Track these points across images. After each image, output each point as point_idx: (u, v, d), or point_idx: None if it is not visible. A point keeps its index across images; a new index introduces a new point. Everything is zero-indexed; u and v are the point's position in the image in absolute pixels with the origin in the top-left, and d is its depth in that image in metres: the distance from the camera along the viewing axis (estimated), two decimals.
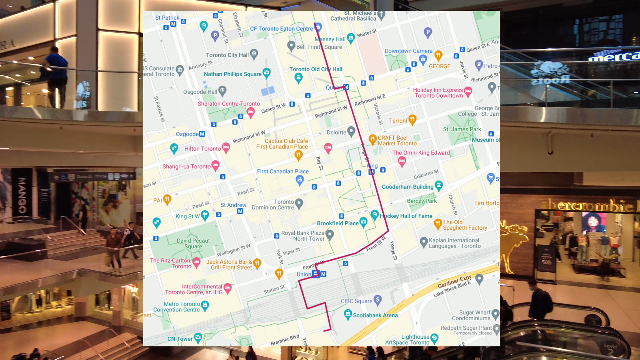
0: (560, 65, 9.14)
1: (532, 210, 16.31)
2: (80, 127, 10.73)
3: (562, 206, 15.78)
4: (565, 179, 15.37)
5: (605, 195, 15.26)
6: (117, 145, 12.58)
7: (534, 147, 8.72)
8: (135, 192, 20.39)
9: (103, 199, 22.11)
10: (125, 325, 19.64)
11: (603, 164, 8.62)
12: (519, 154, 8.87)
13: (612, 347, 8.82)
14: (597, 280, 15.84)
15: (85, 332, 18.35)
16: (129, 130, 11.10)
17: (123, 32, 13.09)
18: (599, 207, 15.55)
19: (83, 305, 20.77)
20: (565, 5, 18.97)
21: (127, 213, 21.01)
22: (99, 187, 22.15)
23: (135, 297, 20.26)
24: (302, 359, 15.20)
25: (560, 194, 15.75)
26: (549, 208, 16.22)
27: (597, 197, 15.38)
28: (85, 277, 14.32)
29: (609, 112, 7.20)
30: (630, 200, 14.99)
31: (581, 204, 15.65)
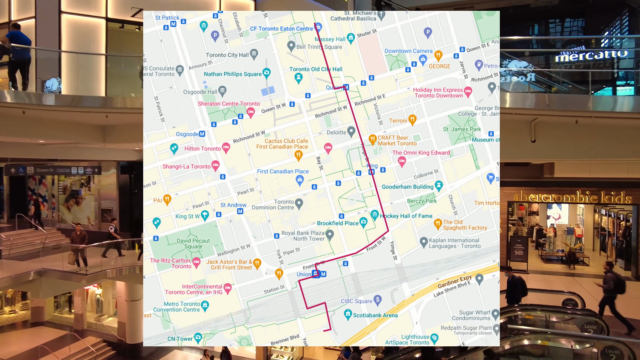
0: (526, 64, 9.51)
1: (505, 202, 17.36)
2: (46, 114, 9.95)
3: (533, 198, 16.85)
4: (535, 172, 16.33)
5: (573, 187, 16.40)
6: (85, 135, 11.70)
7: (517, 135, 8.82)
8: (101, 188, 19.27)
9: (64, 195, 20.59)
10: (89, 328, 18.75)
11: (587, 152, 8.71)
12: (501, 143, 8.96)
13: (592, 328, 9.14)
14: (564, 269, 17.03)
15: (44, 338, 17.24)
16: (100, 118, 10.43)
17: (89, 16, 12.18)
18: (567, 199, 16.78)
19: (41, 309, 19.62)
20: (533, 6, 20.43)
21: (91, 210, 19.73)
22: (60, 183, 20.65)
23: (99, 299, 19.27)
24: (278, 356, 15.17)
25: (531, 186, 16.86)
26: (520, 200, 17.37)
27: (565, 189, 16.66)
28: (46, 277, 13.31)
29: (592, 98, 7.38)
30: (595, 192, 16.35)
31: (550, 195, 16.84)
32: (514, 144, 8.80)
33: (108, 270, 13.54)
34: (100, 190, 19.35)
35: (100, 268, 13.42)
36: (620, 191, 16.04)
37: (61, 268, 13.18)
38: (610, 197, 16.22)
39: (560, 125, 8.51)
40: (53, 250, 15.44)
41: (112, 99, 9.43)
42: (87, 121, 11.24)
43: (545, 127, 8.63)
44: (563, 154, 8.89)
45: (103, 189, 19.20)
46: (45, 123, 10.62)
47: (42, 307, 19.58)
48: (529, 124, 8.58)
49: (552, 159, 8.98)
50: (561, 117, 8.09)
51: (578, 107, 7.52)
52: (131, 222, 18.10)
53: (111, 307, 19.39)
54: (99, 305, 19.38)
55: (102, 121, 11.12)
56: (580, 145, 8.60)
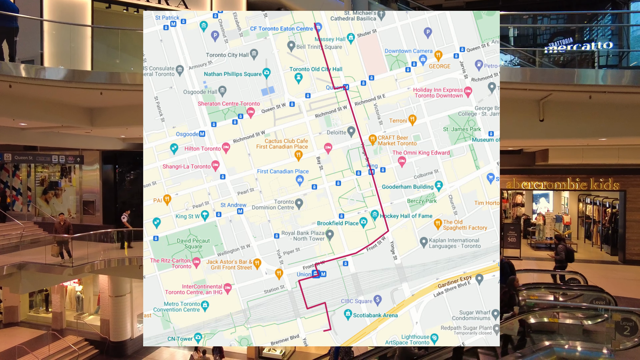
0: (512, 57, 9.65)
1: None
2: (33, 91, 9.28)
3: (526, 185, 17.54)
4: (527, 160, 16.89)
5: (563, 174, 17.02)
6: (72, 118, 11.02)
7: (525, 115, 8.81)
8: (82, 180, 18.10)
9: (42, 187, 19.40)
10: (68, 327, 18.09)
11: (597, 131, 8.70)
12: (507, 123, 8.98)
13: (601, 302, 9.31)
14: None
15: (19, 339, 16.50)
16: (89, 99, 9.81)
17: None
18: (558, 186, 17.48)
19: (14, 309, 18.81)
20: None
21: (72, 203, 18.61)
22: (37, 174, 19.45)
23: (79, 296, 18.38)
24: (270, 350, 15.18)
25: (524, 174, 17.36)
26: (513, 188, 17.80)
27: (556, 177, 17.33)
28: (26, 270, 12.40)
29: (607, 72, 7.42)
30: (585, 179, 17.10)
31: (542, 182, 17.46)
32: (521, 124, 8.79)
33: (95, 262, 12.84)
34: (82, 181, 18.29)
35: (87, 260, 12.60)
36: (609, 178, 16.85)
37: (43, 261, 12.36)
38: (599, 183, 17.05)
39: (569, 104, 8.47)
40: (31, 245, 14.53)
41: (119, 75, 8.87)
42: (75, 102, 10.70)
43: (554, 106, 8.60)
44: (572, 133, 8.86)
45: (85, 180, 18.17)
46: (30, 102, 10.01)
47: (16, 306, 18.82)
48: (537, 103, 8.56)
49: (561, 139, 9.02)
50: (571, 94, 8.00)
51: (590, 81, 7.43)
52: (115, 215, 17.23)
53: (92, 305, 18.66)
54: (79, 303, 18.57)
55: (91, 103, 10.64)
56: (591, 124, 8.56)
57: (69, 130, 12.97)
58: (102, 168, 18.02)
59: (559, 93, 8.02)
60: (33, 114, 10.27)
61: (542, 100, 8.44)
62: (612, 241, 17.34)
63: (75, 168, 18.47)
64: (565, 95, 8.18)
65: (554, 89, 7.83)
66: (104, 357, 16.57)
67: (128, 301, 17.27)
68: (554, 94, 8.05)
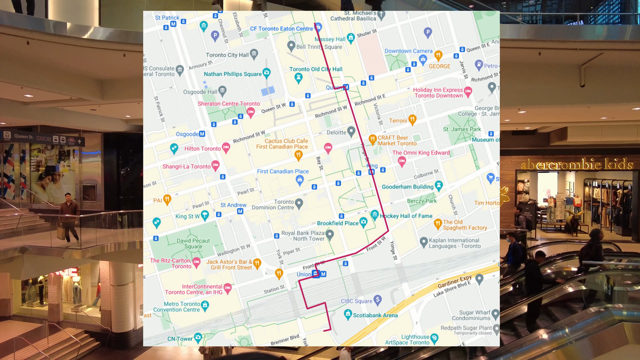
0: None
1: (513, 171, 18.20)
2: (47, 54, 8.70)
3: (540, 166, 17.60)
4: (542, 140, 17.01)
5: (578, 154, 17.12)
6: (83, 89, 10.62)
7: (564, 81, 8.87)
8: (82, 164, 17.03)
9: (38, 172, 18.26)
10: (66, 320, 17.61)
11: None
12: (547, 89, 8.93)
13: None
14: (568, 236, 18.18)
15: (14, 332, 15.95)
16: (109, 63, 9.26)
17: None
18: (572, 166, 17.78)
19: (6, 302, 18.23)
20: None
21: (71, 188, 17.46)
22: (33, 159, 18.37)
23: (77, 287, 17.71)
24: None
25: (538, 154, 17.41)
26: (528, 168, 17.97)
27: (570, 157, 17.47)
28: (29, 254, 11.76)
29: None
30: (599, 159, 16.93)
31: (557, 163, 17.57)
32: (561, 91, 8.83)
33: (106, 245, 12.41)
34: (81, 166, 17.42)
35: (95, 243, 12.06)
36: (622, 157, 17.00)
37: (47, 244, 11.76)
38: (614, 163, 17.43)
39: (611, 69, 8.52)
40: (28, 231, 13.92)
41: None
42: (87, 71, 10.27)
43: (595, 71, 8.65)
44: (614, 98, 8.87)
45: (85, 164, 17.35)
46: (41, 69, 9.58)
47: (8, 299, 18.29)
48: (579, 69, 8.64)
49: (601, 104, 9.11)
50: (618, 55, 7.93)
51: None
52: (118, 202, 16.75)
53: (90, 296, 18.19)
54: (76, 295, 18.00)
55: (105, 73, 10.33)
56: (634, 88, 8.59)
57: (73, 106, 12.43)
58: (104, 151, 17.14)
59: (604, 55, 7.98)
60: (44, 81, 9.85)
61: (584, 65, 8.46)
62: (624, 222, 17.76)
63: (74, 152, 17.51)
64: (611, 57, 8.15)
65: (605, 48, 7.80)
66: (106, 349, 16.22)
67: (131, 290, 16.87)
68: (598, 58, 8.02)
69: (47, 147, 18.06)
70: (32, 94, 11.40)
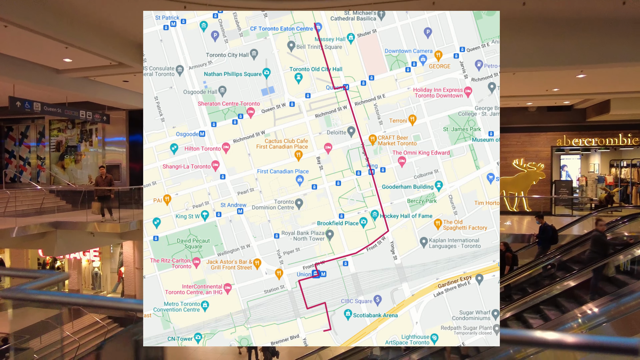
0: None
1: (549, 147, 18.37)
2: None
3: (576, 142, 17.73)
4: (578, 117, 16.91)
5: (615, 130, 17.00)
6: (123, 52, 10.28)
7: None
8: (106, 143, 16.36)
9: (58, 152, 17.56)
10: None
11: None
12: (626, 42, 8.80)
13: None
14: (605, 213, 17.95)
15: (34, 318, 15.38)
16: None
17: None
18: (609, 142, 17.72)
19: None
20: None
21: (94, 168, 16.72)
22: (52, 139, 17.67)
23: (97, 272, 17.39)
24: None
25: (574, 130, 17.36)
26: (564, 145, 18.13)
27: (606, 132, 17.44)
28: (63, 230, 11.48)
29: None
30: (637, 134, 16.70)
31: (593, 139, 17.57)
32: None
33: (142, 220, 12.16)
34: (105, 144, 16.69)
35: (133, 219, 11.70)
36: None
37: (82, 219, 11.39)
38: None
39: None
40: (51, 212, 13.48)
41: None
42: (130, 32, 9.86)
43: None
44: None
45: (109, 143, 16.63)
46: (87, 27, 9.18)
47: None
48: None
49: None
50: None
51: None
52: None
53: (110, 282, 17.84)
54: (96, 280, 17.65)
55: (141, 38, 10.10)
56: None
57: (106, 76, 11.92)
58: (129, 129, 16.56)
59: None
60: (90, 40, 9.53)
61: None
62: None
63: (96, 130, 16.74)
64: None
65: None
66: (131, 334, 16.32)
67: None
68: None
69: (67, 126, 17.46)
70: (72, 58, 10.92)
